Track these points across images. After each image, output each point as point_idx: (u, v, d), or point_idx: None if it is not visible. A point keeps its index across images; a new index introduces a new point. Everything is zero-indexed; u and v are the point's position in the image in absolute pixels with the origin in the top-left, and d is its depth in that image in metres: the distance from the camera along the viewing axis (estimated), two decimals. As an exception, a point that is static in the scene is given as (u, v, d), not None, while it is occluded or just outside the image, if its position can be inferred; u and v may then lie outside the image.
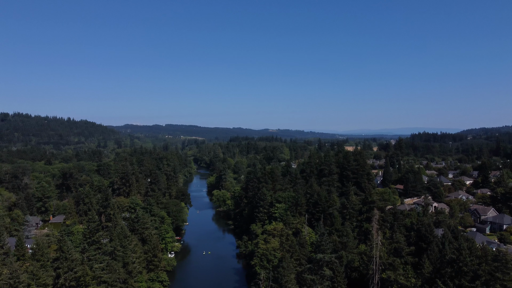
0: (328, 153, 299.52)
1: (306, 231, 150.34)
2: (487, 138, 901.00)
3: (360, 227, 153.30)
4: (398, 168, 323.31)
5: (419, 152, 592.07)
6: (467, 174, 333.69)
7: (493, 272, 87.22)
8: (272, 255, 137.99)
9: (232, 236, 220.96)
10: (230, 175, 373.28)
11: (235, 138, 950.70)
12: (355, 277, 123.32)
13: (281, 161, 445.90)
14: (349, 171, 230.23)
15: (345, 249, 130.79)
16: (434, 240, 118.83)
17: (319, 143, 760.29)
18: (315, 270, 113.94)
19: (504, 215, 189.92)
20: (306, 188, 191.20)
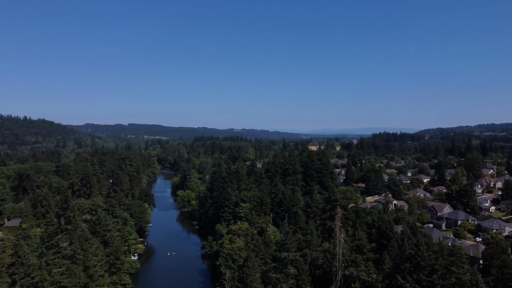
0: (292, 152, 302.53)
1: (271, 230, 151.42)
2: (443, 137, 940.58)
3: (324, 225, 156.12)
4: (360, 167, 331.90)
5: (380, 152, 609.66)
6: (424, 172, 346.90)
7: (448, 266, 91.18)
8: (237, 254, 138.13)
9: (197, 236, 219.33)
10: (195, 175, 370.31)
11: (200, 137, 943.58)
12: (319, 274, 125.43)
13: (246, 161, 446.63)
14: (313, 170, 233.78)
15: (309, 247, 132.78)
16: (394, 237, 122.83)
17: (283, 143, 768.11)
18: (279, 269, 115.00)
19: (458, 211, 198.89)
20: (271, 187, 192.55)
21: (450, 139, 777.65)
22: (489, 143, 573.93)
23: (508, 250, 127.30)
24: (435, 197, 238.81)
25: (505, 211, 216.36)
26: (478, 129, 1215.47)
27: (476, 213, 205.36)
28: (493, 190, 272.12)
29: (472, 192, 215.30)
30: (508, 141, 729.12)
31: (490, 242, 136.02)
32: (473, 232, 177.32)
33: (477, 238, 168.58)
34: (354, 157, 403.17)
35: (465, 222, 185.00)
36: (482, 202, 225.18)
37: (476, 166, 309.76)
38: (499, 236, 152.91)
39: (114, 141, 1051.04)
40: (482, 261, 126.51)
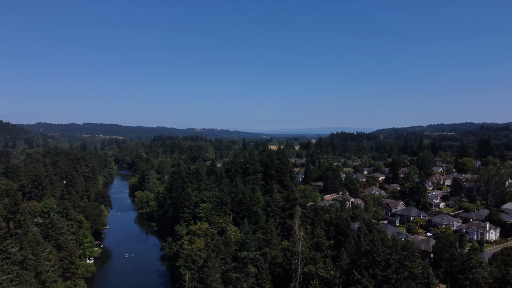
0: (252, 152, 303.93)
1: (231, 230, 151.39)
2: (397, 137, 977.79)
3: (283, 223, 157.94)
4: (319, 166, 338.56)
5: (337, 151, 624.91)
6: (380, 170, 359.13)
7: (402, 260, 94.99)
8: (197, 255, 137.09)
9: (155, 238, 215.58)
10: (154, 175, 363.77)
11: (159, 137, 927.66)
12: (278, 272, 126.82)
13: (206, 161, 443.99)
14: (273, 170, 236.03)
15: (269, 246, 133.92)
16: (351, 234, 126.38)
17: (244, 143, 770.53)
18: (240, 268, 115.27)
19: (411, 208, 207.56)
20: (231, 187, 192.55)
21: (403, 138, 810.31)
22: (439, 142, 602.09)
23: (456, 243, 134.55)
24: (389, 195, 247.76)
25: (453, 207, 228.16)
26: (429, 129, 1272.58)
27: (427, 209, 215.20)
28: (443, 187, 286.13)
29: (423, 190, 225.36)
30: (456, 141, 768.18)
31: (440, 236, 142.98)
32: (425, 228, 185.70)
33: (428, 233, 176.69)
34: (312, 157, 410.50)
35: (417, 218, 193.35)
36: (433, 199, 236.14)
37: (427, 165, 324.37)
38: (448, 230, 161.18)
39: (68, 141, 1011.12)
40: (432, 255, 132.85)
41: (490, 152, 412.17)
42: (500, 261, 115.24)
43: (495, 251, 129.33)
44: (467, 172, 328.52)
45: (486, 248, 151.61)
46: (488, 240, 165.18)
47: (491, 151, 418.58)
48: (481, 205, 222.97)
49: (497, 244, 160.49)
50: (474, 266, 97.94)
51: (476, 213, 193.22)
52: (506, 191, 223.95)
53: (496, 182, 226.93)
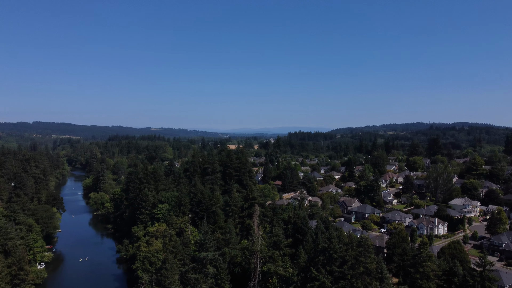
0: (211, 151, 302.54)
1: (190, 230, 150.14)
2: (352, 136, 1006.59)
3: (242, 223, 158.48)
4: (277, 165, 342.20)
5: (295, 150, 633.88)
6: (336, 169, 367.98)
7: (357, 256, 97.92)
8: (155, 257, 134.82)
9: (111, 240, 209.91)
10: (109, 176, 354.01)
11: (115, 137, 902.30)
12: (237, 272, 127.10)
13: (164, 161, 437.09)
14: (232, 169, 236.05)
15: (228, 245, 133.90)
16: (308, 231, 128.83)
17: (202, 142, 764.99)
18: (199, 269, 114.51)
19: (366, 205, 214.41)
20: (190, 187, 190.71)
21: (359, 138, 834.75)
22: (392, 141, 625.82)
23: (408, 239, 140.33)
24: (345, 193, 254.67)
25: (405, 203, 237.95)
26: (383, 129, 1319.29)
27: (381, 206, 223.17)
28: (396, 185, 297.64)
29: (377, 187, 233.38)
30: (407, 140, 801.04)
31: (392, 232, 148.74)
32: (379, 224, 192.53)
33: (382, 229, 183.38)
34: (271, 156, 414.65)
35: (372, 215, 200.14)
36: (386, 196, 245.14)
37: (381, 163, 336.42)
38: (400, 226, 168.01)
39: (16, 141, 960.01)
40: (386, 250, 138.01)
41: (438, 151, 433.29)
42: (447, 254, 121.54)
43: (443, 245, 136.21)
44: (418, 170, 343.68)
45: (435, 242, 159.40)
46: (437, 234, 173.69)
47: (439, 150, 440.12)
48: (431, 201, 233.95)
49: (445, 238, 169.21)
50: (424, 260, 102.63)
51: (426, 209, 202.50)
52: (453, 188, 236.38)
53: (444, 180, 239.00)
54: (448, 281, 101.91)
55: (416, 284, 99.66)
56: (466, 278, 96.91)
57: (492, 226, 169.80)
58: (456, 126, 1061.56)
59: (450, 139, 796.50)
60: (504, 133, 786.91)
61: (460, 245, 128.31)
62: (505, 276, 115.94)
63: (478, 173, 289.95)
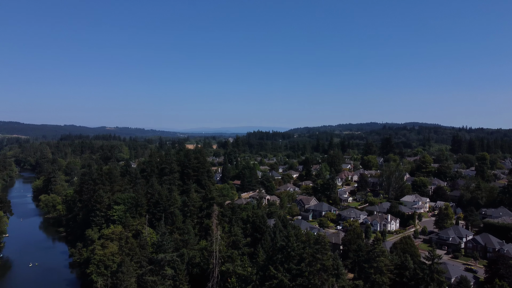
0: (169, 151, 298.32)
1: (147, 232, 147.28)
2: (310, 136, 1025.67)
3: (201, 223, 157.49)
4: (236, 165, 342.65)
5: (254, 149, 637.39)
6: (294, 168, 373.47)
7: (314, 253, 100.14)
8: (111, 260, 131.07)
9: (64, 244, 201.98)
10: (61, 177, 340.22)
11: (67, 136, 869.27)
12: (196, 272, 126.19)
13: (120, 161, 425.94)
14: (190, 169, 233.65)
15: (186, 246, 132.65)
16: (267, 230, 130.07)
17: (160, 142, 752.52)
18: (156, 271, 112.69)
19: (322, 203, 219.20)
20: (147, 187, 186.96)
21: (316, 137, 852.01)
22: (347, 141, 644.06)
23: (362, 235, 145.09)
24: (303, 191, 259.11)
25: (360, 201, 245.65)
26: (339, 129, 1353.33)
27: (337, 204, 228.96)
28: (351, 183, 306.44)
29: (334, 186, 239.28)
30: (362, 139, 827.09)
31: (348, 229, 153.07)
32: (335, 221, 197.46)
33: (338, 226, 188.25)
34: (230, 155, 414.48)
35: (328, 213, 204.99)
36: (342, 194, 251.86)
37: (337, 162, 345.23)
38: (355, 223, 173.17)
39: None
40: (342, 247, 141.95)
41: (391, 150, 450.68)
42: (399, 249, 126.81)
43: (395, 240, 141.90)
44: (372, 168, 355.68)
45: (388, 237, 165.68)
46: (389, 230, 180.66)
47: (392, 149, 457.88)
48: (384, 198, 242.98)
49: (397, 234, 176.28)
50: (377, 255, 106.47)
51: (380, 206, 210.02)
52: (405, 185, 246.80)
53: (396, 177, 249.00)
54: (400, 275, 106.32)
55: (370, 278, 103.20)
56: (416, 271, 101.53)
57: (440, 221, 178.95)
58: (407, 126, 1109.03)
59: (402, 139, 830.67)
60: (450, 133, 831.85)
61: (411, 240, 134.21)
62: (452, 268, 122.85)
63: (427, 171, 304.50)
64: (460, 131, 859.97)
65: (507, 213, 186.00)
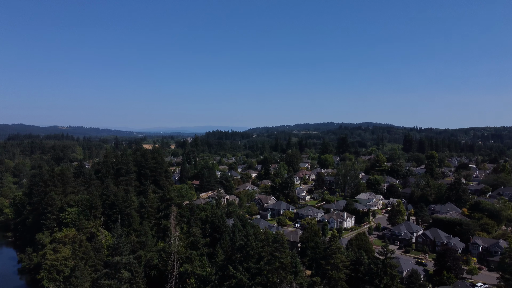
0: (125, 151, 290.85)
1: (102, 235, 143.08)
2: (268, 136, 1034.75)
3: (159, 224, 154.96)
4: (195, 165, 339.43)
5: (213, 149, 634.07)
6: (253, 167, 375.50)
7: (273, 252, 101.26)
8: (63, 265, 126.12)
9: (12, 249, 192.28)
10: (9, 179, 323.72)
11: (15, 136, 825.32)
12: (154, 274, 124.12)
13: (73, 161, 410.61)
14: (147, 169, 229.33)
15: (143, 248, 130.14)
16: (226, 230, 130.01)
17: (116, 142, 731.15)
18: (112, 274, 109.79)
19: (281, 202, 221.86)
20: (102, 189, 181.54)
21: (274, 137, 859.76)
22: (305, 140, 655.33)
23: (319, 233, 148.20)
24: (261, 190, 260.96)
25: (317, 199, 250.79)
26: (296, 128, 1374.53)
27: (295, 203, 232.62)
28: (308, 182, 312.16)
29: (292, 184, 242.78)
30: (319, 139, 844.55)
31: (306, 227, 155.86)
32: (293, 220, 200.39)
33: (296, 224, 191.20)
34: (188, 155, 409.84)
35: (287, 211, 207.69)
36: (300, 193, 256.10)
37: (295, 161, 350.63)
38: (312, 221, 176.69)
39: None
40: (300, 244, 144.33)
41: (347, 149, 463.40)
42: (355, 245, 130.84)
43: (351, 237, 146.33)
44: (328, 167, 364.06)
45: (344, 234, 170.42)
46: (345, 227, 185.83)
47: (347, 148, 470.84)
48: (340, 196, 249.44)
49: (352, 231, 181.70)
50: (334, 252, 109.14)
51: (336, 204, 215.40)
52: (360, 184, 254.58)
53: (352, 176, 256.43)
54: (356, 270, 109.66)
55: (327, 275, 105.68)
56: (370, 266, 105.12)
57: (393, 218, 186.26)
58: (362, 126, 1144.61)
59: (357, 138, 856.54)
60: (402, 133, 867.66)
61: (365, 236, 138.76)
62: (404, 262, 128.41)
63: (381, 169, 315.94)
64: (411, 131, 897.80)
65: (453, 208, 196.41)
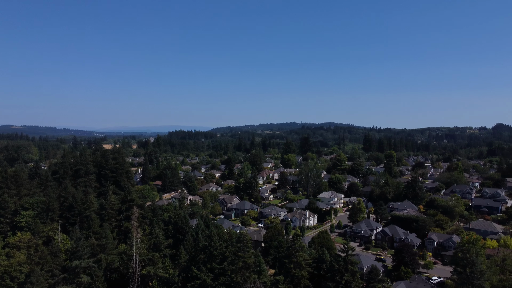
0: (84, 152, 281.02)
1: (60, 238, 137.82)
2: (232, 135, 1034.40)
3: (120, 226, 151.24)
4: (157, 165, 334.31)
5: (176, 149, 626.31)
6: (216, 167, 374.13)
7: (237, 252, 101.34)
8: (18, 270, 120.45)
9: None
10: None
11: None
12: (115, 278, 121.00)
13: (28, 162, 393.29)
14: (108, 170, 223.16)
15: (104, 251, 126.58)
16: (189, 231, 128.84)
17: (74, 141, 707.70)
18: (70, 279, 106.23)
19: (245, 201, 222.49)
20: (60, 191, 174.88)
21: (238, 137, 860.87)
22: (268, 140, 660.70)
23: (283, 232, 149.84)
24: (225, 190, 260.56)
25: (280, 198, 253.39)
26: (260, 128, 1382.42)
27: (259, 202, 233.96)
28: (272, 181, 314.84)
29: (255, 184, 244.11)
30: (282, 139, 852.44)
31: (269, 226, 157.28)
32: (257, 219, 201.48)
33: (260, 224, 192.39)
34: (151, 155, 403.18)
35: (250, 211, 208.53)
36: (263, 192, 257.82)
37: (259, 161, 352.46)
38: (276, 220, 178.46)
39: None
40: (263, 244, 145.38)
41: (309, 149, 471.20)
42: (317, 243, 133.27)
43: (314, 235, 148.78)
44: (291, 166, 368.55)
45: (307, 233, 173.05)
46: (308, 226, 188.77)
47: (310, 148, 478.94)
48: (303, 195, 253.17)
49: (315, 229, 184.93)
50: (297, 251, 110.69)
51: (299, 203, 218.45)
52: (322, 182, 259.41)
53: (314, 175, 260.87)
54: (318, 268, 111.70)
55: (290, 273, 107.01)
56: (332, 264, 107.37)
57: (354, 215, 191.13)
58: (324, 126, 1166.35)
59: (319, 138, 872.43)
60: (363, 133, 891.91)
61: (327, 234, 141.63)
62: (364, 258, 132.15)
63: (342, 168, 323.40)
64: (371, 131, 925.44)
65: (410, 206, 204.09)
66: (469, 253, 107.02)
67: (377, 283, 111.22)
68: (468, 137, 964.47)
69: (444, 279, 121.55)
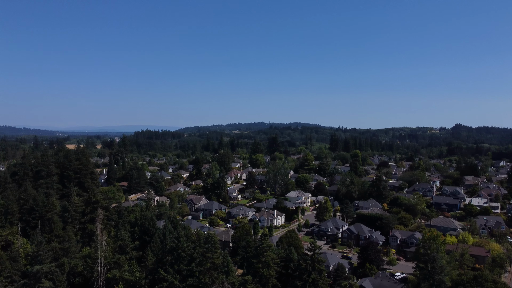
0: (46, 152, 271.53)
1: (20, 242, 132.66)
2: (200, 135, 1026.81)
3: (84, 229, 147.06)
4: (123, 166, 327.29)
5: (142, 149, 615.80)
6: (184, 168, 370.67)
7: (205, 253, 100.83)
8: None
9: None
10: None
11: None
12: (79, 282, 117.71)
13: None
14: (71, 171, 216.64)
15: (67, 255, 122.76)
16: (156, 232, 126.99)
17: (35, 141, 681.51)
18: (31, 285, 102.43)
19: (213, 202, 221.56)
20: (19, 193, 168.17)
21: (206, 137, 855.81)
22: (237, 140, 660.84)
23: (251, 231, 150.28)
24: (193, 191, 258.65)
25: (248, 198, 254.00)
26: (228, 128, 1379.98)
27: (227, 202, 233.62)
28: (240, 181, 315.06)
29: (223, 184, 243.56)
30: (250, 139, 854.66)
31: (237, 226, 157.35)
32: (225, 219, 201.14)
33: (228, 224, 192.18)
34: (116, 156, 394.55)
35: (218, 211, 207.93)
36: (232, 192, 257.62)
37: (227, 161, 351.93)
38: (244, 220, 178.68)
39: None
40: (231, 244, 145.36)
41: (277, 149, 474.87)
42: (285, 242, 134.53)
43: (281, 234, 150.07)
44: (259, 166, 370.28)
45: (275, 232, 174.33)
46: (276, 225, 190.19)
47: (278, 148, 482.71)
48: (271, 195, 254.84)
49: (283, 228, 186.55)
50: (265, 250, 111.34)
51: (267, 203, 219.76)
52: (289, 182, 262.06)
53: (282, 175, 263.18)
54: (286, 267, 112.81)
55: (258, 273, 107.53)
56: (300, 262, 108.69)
57: (320, 214, 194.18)
58: (292, 126, 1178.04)
59: (287, 138, 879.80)
60: (329, 133, 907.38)
61: (295, 233, 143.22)
62: (330, 256, 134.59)
63: (309, 168, 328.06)
64: (337, 131, 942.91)
65: (375, 204, 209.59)
66: (430, 249, 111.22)
67: (343, 280, 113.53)
68: (429, 137, 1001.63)
69: (407, 275, 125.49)
